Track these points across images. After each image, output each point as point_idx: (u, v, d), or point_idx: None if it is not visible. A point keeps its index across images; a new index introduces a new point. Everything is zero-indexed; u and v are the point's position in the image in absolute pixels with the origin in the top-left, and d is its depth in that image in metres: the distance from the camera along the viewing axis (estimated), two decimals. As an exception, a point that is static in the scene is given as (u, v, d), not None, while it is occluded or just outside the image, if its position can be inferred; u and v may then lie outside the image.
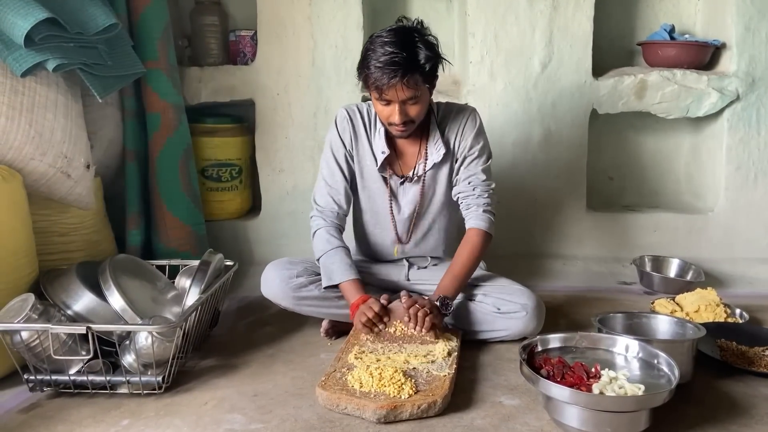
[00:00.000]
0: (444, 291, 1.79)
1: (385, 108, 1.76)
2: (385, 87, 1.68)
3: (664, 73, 2.58)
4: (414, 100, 1.74)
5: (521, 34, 2.58)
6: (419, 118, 1.80)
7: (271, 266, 1.93)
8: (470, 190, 1.91)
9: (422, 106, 1.77)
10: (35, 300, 1.54)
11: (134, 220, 2.36)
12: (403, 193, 1.97)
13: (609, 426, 1.27)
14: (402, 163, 1.96)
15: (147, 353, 1.53)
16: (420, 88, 1.72)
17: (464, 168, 1.93)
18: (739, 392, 1.55)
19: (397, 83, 1.67)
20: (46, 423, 1.42)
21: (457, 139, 1.93)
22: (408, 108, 1.75)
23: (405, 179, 1.95)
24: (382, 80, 1.67)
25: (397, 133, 1.82)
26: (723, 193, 2.66)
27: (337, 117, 1.96)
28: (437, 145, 1.91)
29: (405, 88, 1.68)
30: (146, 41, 2.30)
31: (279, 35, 2.61)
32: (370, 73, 1.69)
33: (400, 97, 1.71)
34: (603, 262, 2.68)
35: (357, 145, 1.95)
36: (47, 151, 1.80)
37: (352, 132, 1.94)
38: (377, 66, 1.66)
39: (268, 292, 1.91)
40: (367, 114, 1.95)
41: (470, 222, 1.89)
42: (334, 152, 1.95)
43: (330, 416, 1.42)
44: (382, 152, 1.89)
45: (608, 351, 1.53)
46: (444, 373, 1.54)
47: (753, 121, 2.62)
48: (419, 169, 1.94)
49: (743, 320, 2.00)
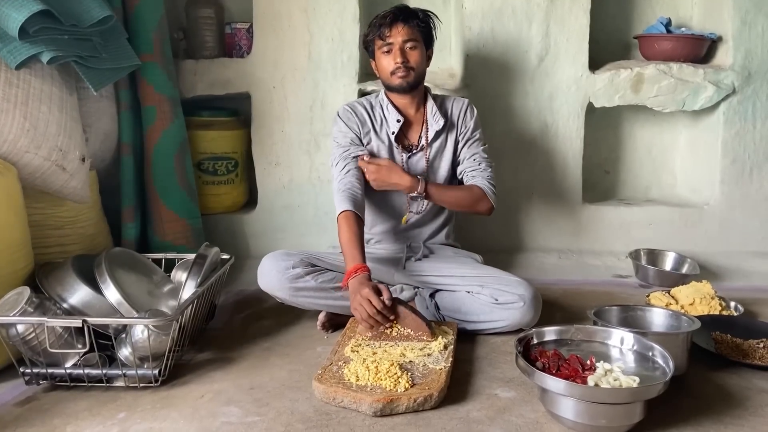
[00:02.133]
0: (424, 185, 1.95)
1: (388, 56, 1.95)
2: (386, 30, 1.92)
3: (660, 67, 2.58)
4: (412, 42, 1.94)
5: (518, 27, 2.58)
6: (418, 67, 1.97)
7: (267, 258, 1.94)
8: (476, 164, 2.05)
9: (420, 54, 1.97)
10: (31, 293, 1.54)
11: (130, 213, 2.35)
12: (413, 165, 2.07)
13: (604, 418, 1.27)
14: (408, 135, 2.08)
15: (143, 346, 1.53)
16: (416, 34, 1.95)
17: (467, 148, 2.07)
18: (733, 384, 1.56)
19: (398, 23, 1.92)
20: (42, 416, 1.42)
21: (459, 120, 2.08)
22: (408, 52, 1.95)
23: (412, 151, 2.06)
24: (384, 24, 1.92)
25: (398, 81, 1.96)
26: (718, 187, 2.67)
27: (339, 112, 2.09)
28: (435, 116, 2.05)
29: (403, 28, 1.92)
30: (141, 34, 2.29)
31: (275, 28, 2.61)
32: (374, 28, 1.95)
33: (401, 38, 1.92)
34: (599, 255, 2.69)
35: (364, 130, 2.05)
36: (42, 144, 1.79)
37: (357, 120, 2.06)
38: (381, 17, 1.95)
39: (265, 283, 1.91)
40: (369, 106, 2.09)
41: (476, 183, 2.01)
42: (343, 137, 2.04)
43: (326, 409, 1.43)
44: (397, 120, 2.02)
45: (603, 343, 1.54)
46: (440, 367, 1.54)
47: (749, 115, 2.62)
48: (422, 140, 2.06)
49: (738, 313, 2.01)
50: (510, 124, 2.64)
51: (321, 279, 1.91)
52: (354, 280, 1.72)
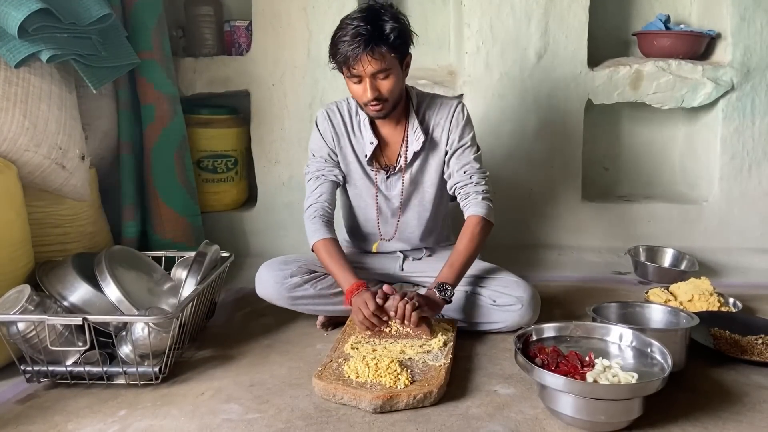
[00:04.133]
0: (443, 278, 1.76)
1: (358, 87, 1.73)
2: (351, 60, 1.65)
3: (659, 63, 2.58)
4: (384, 73, 1.69)
5: (517, 25, 2.57)
6: (392, 96, 1.75)
7: (264, 267, 1.92)
8: (467, 178, 1.88)
9: (394, 81, 1.72)
10: (31, 291, 1.55)
11: (130, 211, 2.35)
12: (391, 186, 1.95)
13: (603, 414, 1.28)
14: (387, 155, 1.93)
15: (143, 344, 1.54)
16: (387, 60, 1.68)
17: (456, 159, 1.90)
18: (731, 380, 1.57)
19: (362, 54, 1.64)
20: (43, 413, 1.43)
21: (444, 131, 1.89)
22: (378, 83, 1.71)
23: (390, 172, 1.93)
24: (347, 53, 1.65)
25: (372, 113, 1.78)
26: (717, 183, 2.67)
27: (317, 119, 1.95)
28: (416, 133, 1.87)
29: (371, 59, 1.65)
30: (140, 31, 2.29)
31: (274, 26, 2.60)
32: (338, 50, 1.67)
33: (367, 71, 1.67)
34: (598, 252, 2.69)
35: (339, 144, 1.92)
36: (42, 142, 1.80)
37: (332, 132, 1.92)
38: (343, 40, 1.65)
39: (263, 293, 1.91)
40: (348, 112, 1.93)
41: (469, 210, 1.86)
42: (319, 151, 1.93)
43: (326, 406, 1.43)
44: (371, 143, 1.87)
45: (602, 340, 1.54)
46: (439, 363, 1.55)
47: (748, 111, 2.62)
48: (401, 161, 1.91)
49: (737, 309, 2.02)
50: (509, 121, 2.64)
51: (320, 286, 1.89)
52: (356, 297, 1.70)
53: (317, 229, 1.85)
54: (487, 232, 1.86)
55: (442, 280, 1.76)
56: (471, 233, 1.82)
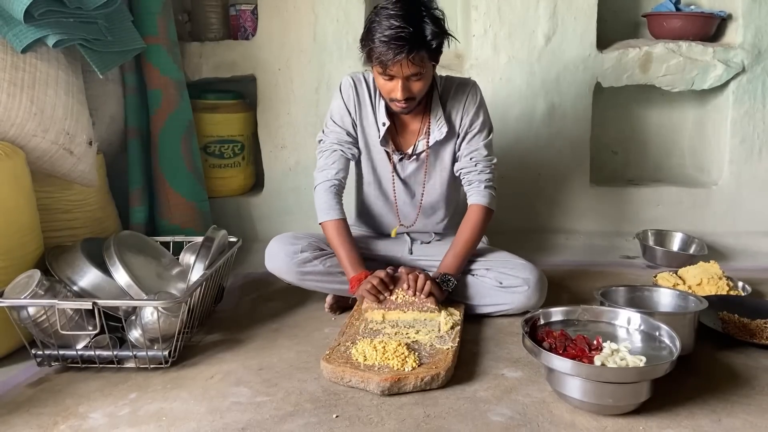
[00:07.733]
0: (446, 269, 1.81)
1: (388, 83, 1.72)
2: (390, 62, 1.63)
3: (669, 45, 2.55)
4: (418, 76, 1.69)
5: (525, 7, 2.55)
6: (421, 95, 1.76)
7: (275, 241, 1.94)
8: (472, 165, 1.89)
9: (425, 82, 1.73)
10: (41, 276, 1.55)
11: (137, 197, 2.36)
12: (403, 169, 1.96)
13: (610, 397, 1.28)
14: (402, 140, 1.93)
15: (153, 328, 1.55)
16: (425, 65, 1.68)
17: (466, 143, 1.90)
18: (740, 364, 1.56)
19: (403, 59, 1.61)
20: (54, 397, 1.44)
21: (459, 115, 1.89)
22: (411, 84, 1.70)
23: (404, 156, 1.93)
24: (387, 55, 1.61)
25: (398, 109, 1.78)
26: (727, 167, 2.65)
27: (342, 85, 1.91)
28: (440, 123, 1.87)
29: (410, 64, 1.64)
30: (146, 16, 2.28)
31: (280, 9, 2.59)
32: (374, 47, 1.64)
33: (404, 73, 1.67)
34: (606, 236, 2.68)
35: (361, 114, 1.90)
36: (49, 127, 1.80)
37: (356, 101, 1.89)
38: (382, 40, 1.61)
39: (273, 266, 1.92)
40: (373, 84, 1.89)
41: (472, 198, 1.89)
42: (340, 119, 1.91)
43: (334, 389, 1.44)
44: (382, 123, 1.86)
45: (610, 324, 1.54)
46: (447, 347, 1.55)
47: (758, 94, 2.59)
48: (419, 146, 1.91)
49: (745, 293, 2.01)
50: (517, 104, 2.62)
51: (329, 263, 1.90)
52: (363, 283, 1.75)
53: (331, 207, 1.86)
54: (488, 220, 1.89)
55: (444, 270, 1.80)
56: (472, 222, 1.86)
